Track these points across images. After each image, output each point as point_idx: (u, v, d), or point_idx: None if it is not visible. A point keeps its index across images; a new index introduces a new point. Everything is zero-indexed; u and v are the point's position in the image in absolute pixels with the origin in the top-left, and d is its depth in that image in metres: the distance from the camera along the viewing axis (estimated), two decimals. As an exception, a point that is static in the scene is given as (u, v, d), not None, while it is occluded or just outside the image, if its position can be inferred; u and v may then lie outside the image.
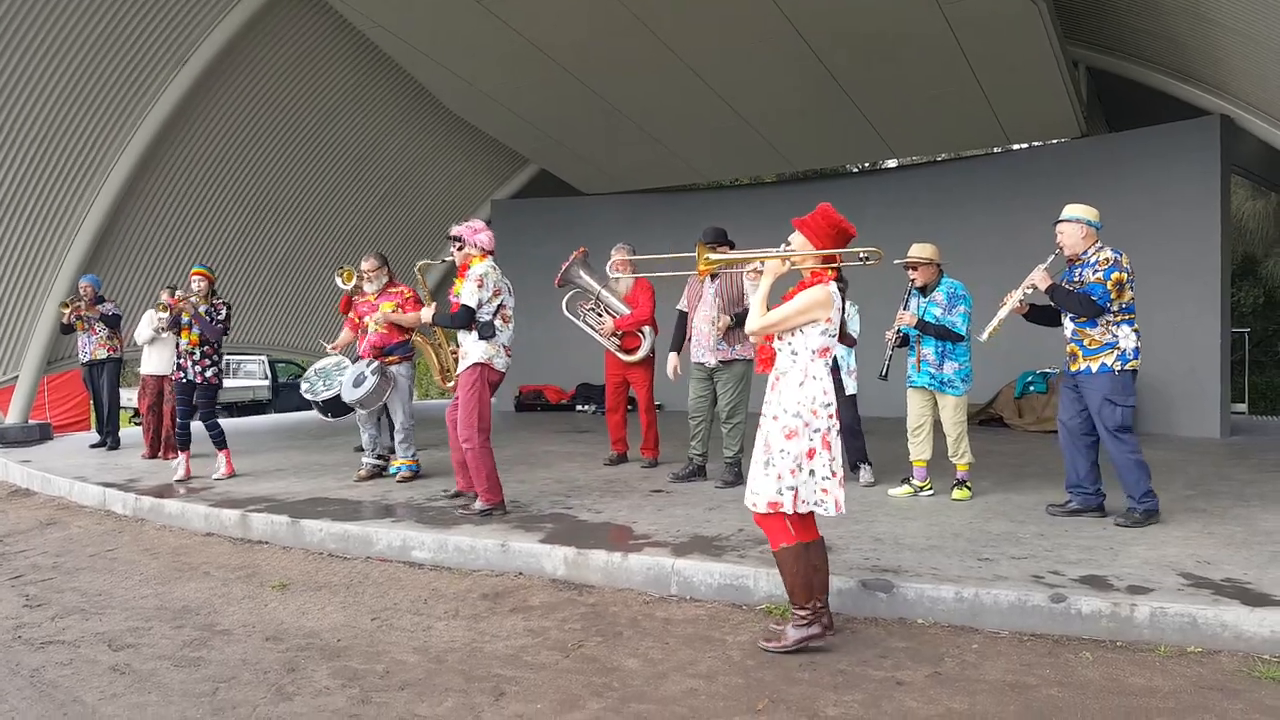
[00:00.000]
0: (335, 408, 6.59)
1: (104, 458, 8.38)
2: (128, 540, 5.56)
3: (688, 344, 6.46)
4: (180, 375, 6.82)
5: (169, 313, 6.94)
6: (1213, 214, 8.99)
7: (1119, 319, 4.82)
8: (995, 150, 11.05)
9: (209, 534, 5.61)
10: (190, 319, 6.74)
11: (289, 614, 4.01)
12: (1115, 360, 4.80)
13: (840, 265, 3.51)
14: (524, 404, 12.94)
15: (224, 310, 6.87)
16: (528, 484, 6.44)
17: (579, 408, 12.53)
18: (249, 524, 5.48)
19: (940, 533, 4.72)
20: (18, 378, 9.84)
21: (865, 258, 3.53)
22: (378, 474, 6.78)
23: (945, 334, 5.51)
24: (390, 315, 6.51)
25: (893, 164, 13.91)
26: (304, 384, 6.87)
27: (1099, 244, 4.91)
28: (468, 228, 5.41)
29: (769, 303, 3.51)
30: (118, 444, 8.97)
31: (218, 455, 6.96)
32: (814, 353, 3.40)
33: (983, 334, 5.04)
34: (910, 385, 5.73)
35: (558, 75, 9.18)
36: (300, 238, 12.15)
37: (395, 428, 6.71)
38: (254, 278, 11.95)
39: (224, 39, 9.10)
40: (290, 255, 12.20)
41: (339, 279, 6.81)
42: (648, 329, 7.08)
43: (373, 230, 12.61)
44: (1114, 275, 4.77)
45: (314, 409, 6.79)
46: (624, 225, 11.69)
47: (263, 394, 17.78)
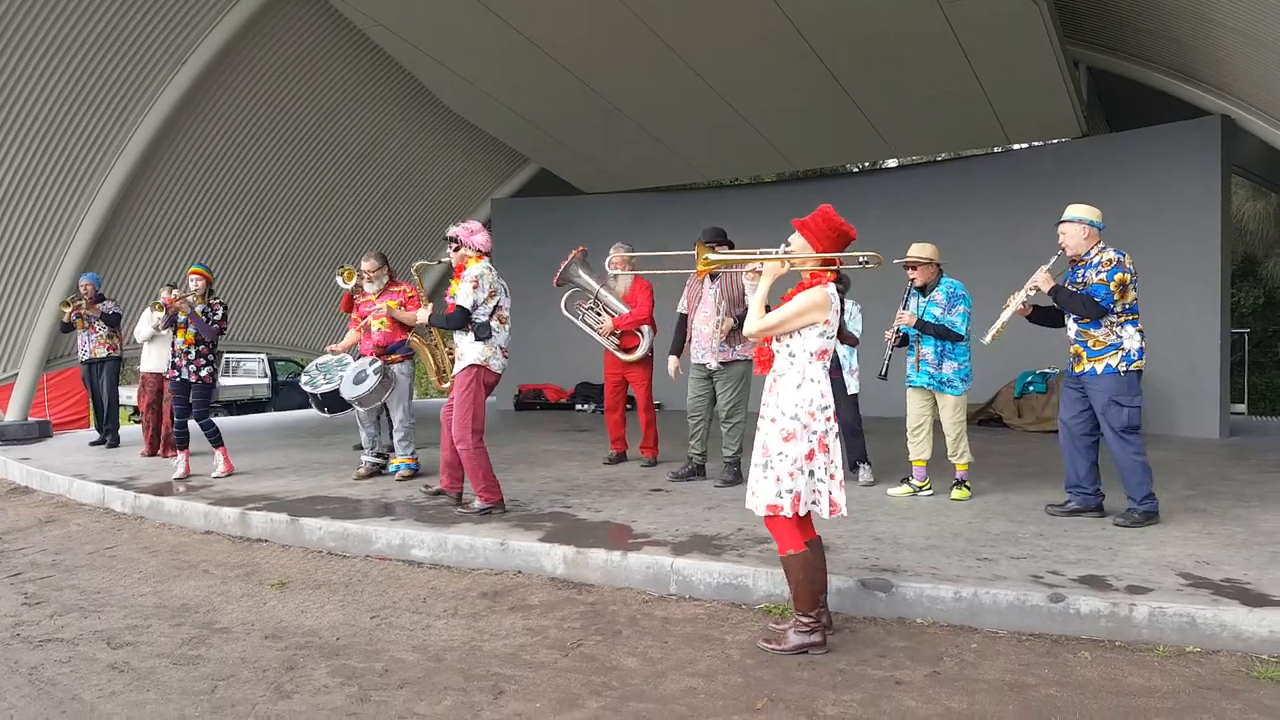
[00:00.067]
0: (332, 402, 6.57)
1: (103, 455, 8.38)
2: (127, 538, 5.56)
3: (688, 345, 6.46)
4: (175, 374, 6.82)
5: (165, 312, 6.94)
6: (1213, 214, 8.99)
7: (1123, 320, 4.81)
8: (995, 150, 11.05)
9: (208, 532, 5.61)
10: (186, 318, 6.74)
11: (288, 612, 4.01)
12: (1120, 361, 4.79)
13: (840, 267, 3.51)
14: (523, 403, 12.94)
15: (221, 310, 6.88)
16: (527, 483, 6.44)
17: (578, 407, 12.53)
18: (248, 522, 5.48)
19: (939, 532, 4.72)
20: (17, 375, 9.84)
21: (865, 262, 3.53)
22: (377, 472, 6.78)
23: (945, 334, 5.51)
24: (395, 312, 6.51)
25: (893, 164, 13.91)
26: (304, 377, 6.86)
27: (1102, 244, 4.90)
28: (464, 229, 5.40)
29: (768, 303, 3.50)
30: (117, 442, 8.98)
31: (215, 453, 6.97)
32: (812, 355, 3.39)
33: (986, 337, 5.01)
34: (909, 385, 5.73)
35: (557, 74, 9.17)
36: (300, 236, 12.14)
37: (395, 426, 6.72)
38: (254, 276, 11.95)
39: (223, 38, 9.10)
40: (290, 254, 12.20)
41: (339, 278, 6.81)
42: (646, 328, 7.08)
43: (372, 229, 12.61)
44: (1117, 276, 4.75)
45: (311, 403, 6.78)
46: (624, 224, 11.69)
47: (262, 392, 17.79)
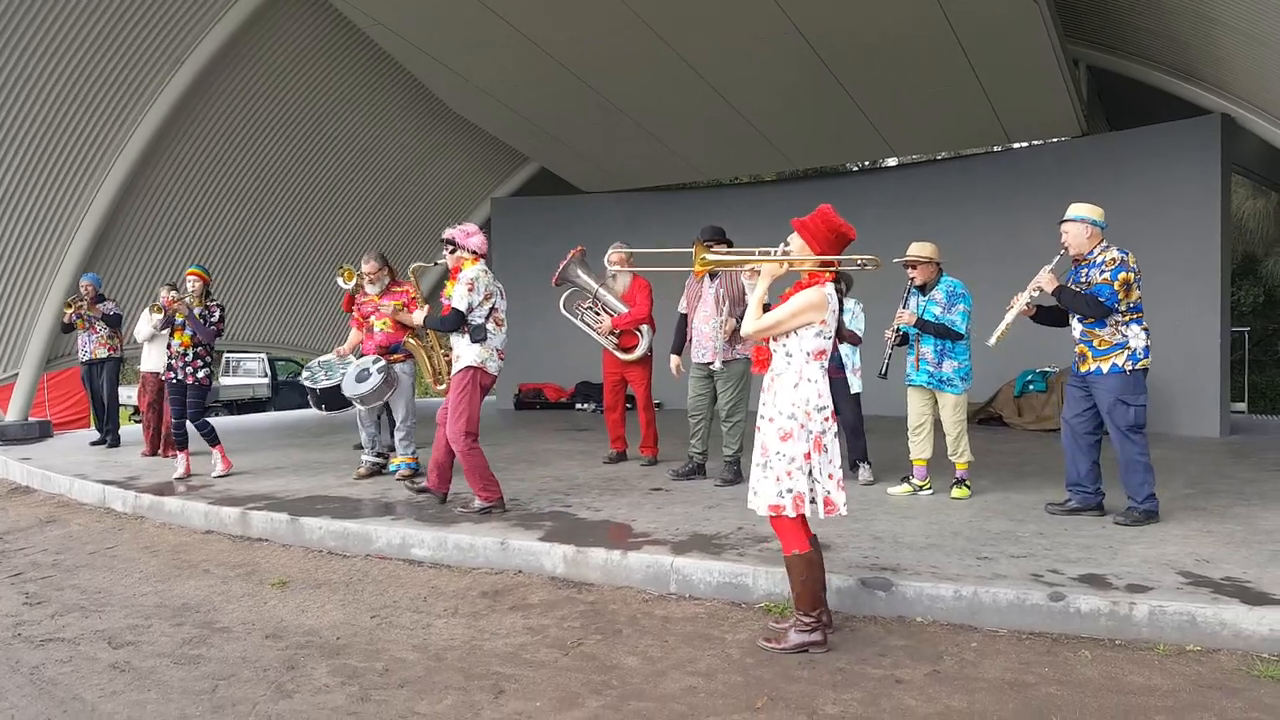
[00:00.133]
0: (331, 400, 6.55)
1: (104, 455, 8.38)
2: (127, 538, 5.57)
3: (688, 345, 6.46)
4: (171, 376, 6.83)
5: (163, 314, 6.94)
6: (1213, 213, 8.98)
7: (1128, 318, 4.80)
8: (995, 149, 11.04)
9: (208, 531, 5.61)
10: (184, 320, 6.74)
11: (288, 612, 4.02)
12: (1126, 360, 4.79)
13: (838, 269, 3.50)
14: (523, 402, 12.94)
15: (218, 312, 6.89)
16: (527, 482, 6.44)
17: (578, 406, 12.53)
18: (248, 521, 5.48)
19: (939, 531, 4.73)
20: (18, 375, 9.85)
21: (863, 264, 3.53)
22: (377, 472, 6.78)
23: (944, 332, 5.51)
24: (400, 316, 6.50)
25: (892, 162, 13.90)
26: (305, 373, 6.86)
27: (1105, 243, 4.89)
28: (460, 231, 5.41)
29: (768, 301, 3.50)
30: (117, 441, 8.98)
31: (213, 452, 6.97)
32: (809, 354, 3.38)
33: (991, 339, 4.99)
34: (909, 384, 5.73)
35: (557, 72, 9.17)
36: (300, 236, 12.14)
37: (395, 425, 6.72)
38: (254, 276, 11.94)
39: (223, 37, 9.09)
40: (290, 253, 12.19)
41: (339, 278, 6.81)
42: (645, 327, 7.08)
43: (372, 228, 12.61)
44: (1121, 275, 4.74)
45: (310, 400, 6.76)
46: (623, 223, 11.69)
47: (262, 392, 17.80)
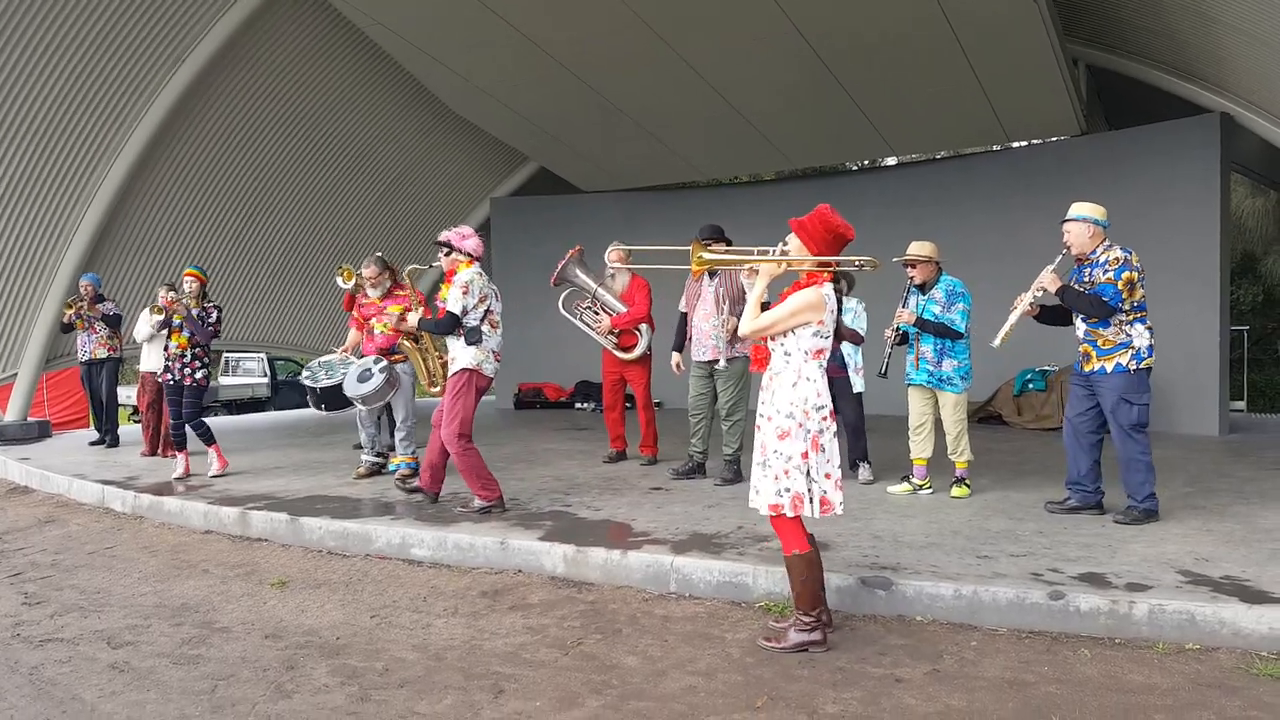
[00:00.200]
0: (331, 400, 6.54)
1: (103, 455, 8.38)
2: (127, 538, 5.56)
3: (689, 344, 6.46)
4: (168, 377, 6.82)
5: (163, 315, 6.94)
6: (1212, 212, 8.98)
7: (1131, 318, 4.80)
8: (995, 148, 11.04)
9: (208, 531, 5.61)
10: (181, 321, 6.74)
11: (288, 611, 4.01)
12: (1130, 359, 4.78)
13: (836, 269, 3.49)
14: (523, 401, 12.94)
15: (215, 313, 6.89)
16: (527, 481, 6.44)
17: (578, 405, 12.53)
18: (248, 521, 5.48)
19: (939, 530, 4.73)
20: (17, 375, 9.84)
21: (861, 266, 3.52)
22: (377, 471, 6.78)
23: (944, 331, 5.50)
24: (402, 326, 6.47)
25: (892, 162, 13.90)
26: (305, 372, 6.85)
27: (1107, 242, 4.88)
28: (455, 234, 5.42)
29: (767, 298, 3.50)
30: (116, 441, 8.98)
31: (209, 451, 6.96)
32: (807, 354, 3.38)
33: (995, 340, 4.98)
34: (909, 383, 5.73)
35: (556, 72, 9.17)
36: (299, 236, 12.13)
37: (396, 425, 6.71)
38: (253, 276, 11.94)
39: (222, 37, 9.09)
40: (289, 253, 12.19)
41: (339, 278, 6.81)
42: (644, 326, 7.07)
43: (372, 228, 12.60)
44: (1125, 275, 4.74)
45: (309, 399, 6.75)
46: (623, 223, 11.68)
47: (262, 392, 17.78)
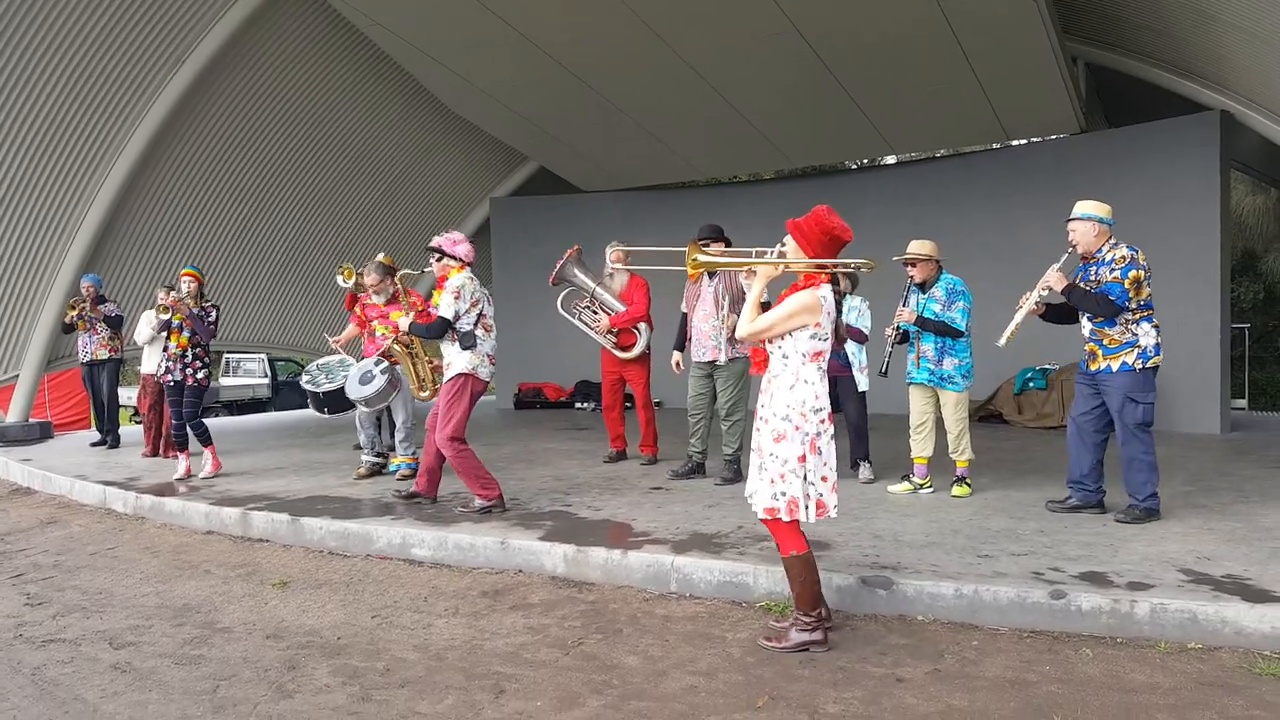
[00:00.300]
0: (333, 402, 6.54)
1: (104, 456, 8.38)
2: (128, 539, 5.57)
3: (689, 344, 6.46)
4: (168, 378, 6.82)
5: (169, 313, 6.93)
6: (1213, 209, 8.97)
7: (1138, 316, 4.79)
8: (994, 146, 11.04)
9: (209, 532, 5.61)
10: (181, 321, 6.74)
11: (289, 612, 4.02)
12: (1136, 358, 4.77)
13: (833, 271, 3.48)
14: (523, 401, 12.94)
15: (214, 313, 6.91)
16: (527, 481, 6.44)
17: (578, 405, 12.53)
18: (249, 522, 5.49)
19: (940, 529, 4.73)
20: (18, 376, 9.84)
21: (857, 268, 3.52)
22: (377, 472, 6.78)
23: (944, 330, 5.50)
24: (403, 336, 6.49)
25: (891, 161, 13.90)
26: (304, 376, 6.85)
27: (1113, 241, 4.87)
28: (447, 239, 5.43)
29: (767, 298, 3.50)
30: (118, 442, 8.98)
31: (204, 451, 6.96)
32: (805, 356, 3.37)
33: (1001, 340, 4.97)
34: (910, 382, 5.73)
35: (556, 72, 9.16)
36: (299, 236, 12.14)
37: (396, 426, 6.72)
38: (254, 276, 11.94)
39: (224, 37, 9.09)
40: (290, 253, 12.19)
41: (339, 277, 6.82)
42: (643, 326, 7.07)
43: (372, 228, 12.60)
44: (1131, 273, 4.72)
45: (309, 402, 6.75)
46: (623, 222, 11.68)
47: (262, 392, 17.79)
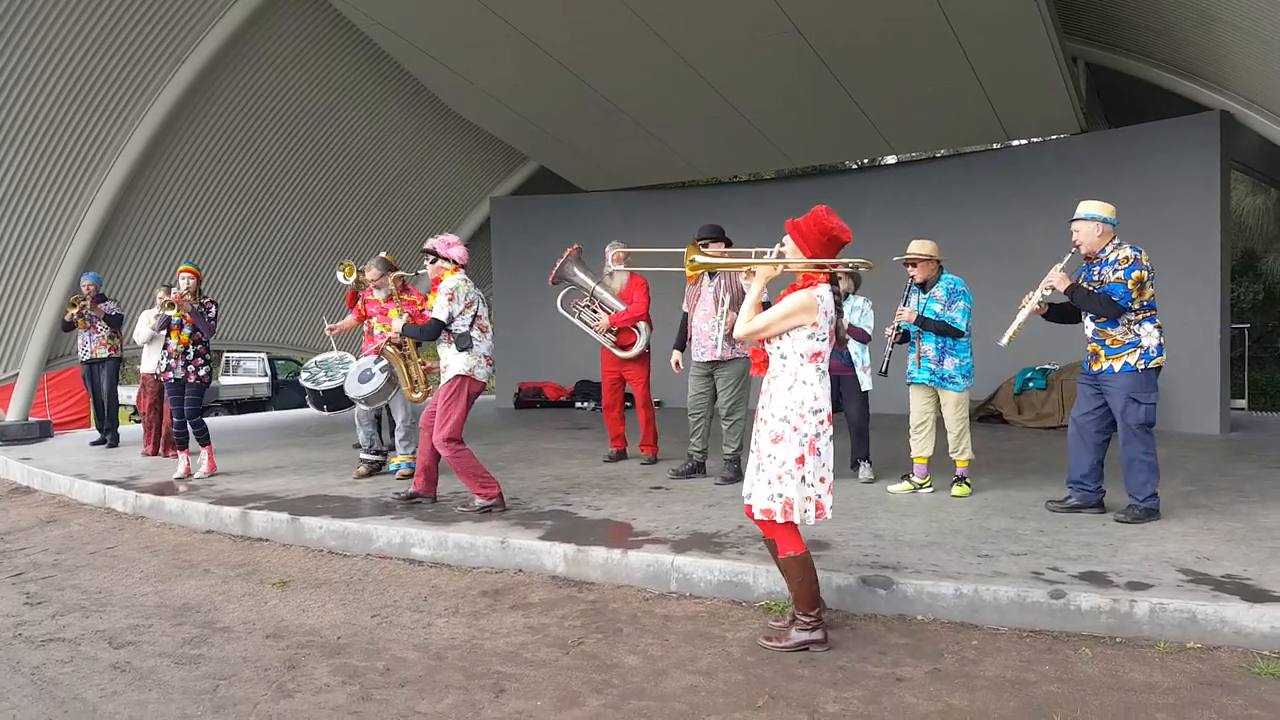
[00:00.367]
0: (332, 400, 6.54)
1: (104, 455, 8.38)
2: (128, 538, 5.57)
3: (690, 343, 6.47)
4: (169, 376, 6.82)
5: (174, 309, 6.92)
6: (1213, 210, 8.97)
7: (1140, 317, 4.79)
8: (995, 146, 11.04)
9: (209, 531, 5.61)
10: (181, 318, 6.74)
11: (289, 611, 4.02)
12: (1138, 359, 4.77)
13: (832, 270, 3.48)
14: (523, 401, 12.94)
15: (213, 309, 6.92)
16: (527, 481, 6.44)
17: (578, 404, 12.53)
18: (249, 521, 5.49)
19: (940, 529, 4.73)
20: (18, 375, 9.84)
21: (855, 267, 3.52)
22: (376, 469, 6.78)
23: (945, 330, 5.50)
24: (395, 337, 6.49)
25: (892, 160, 13.90)
26: (304, 373, 6.85)
27: (1117, 241, 4.87)
28: (441, 242, 5.47)
29: (767, 298, 3.50)
30: (117, 441, 8.98)
31: (201, 451, 6.95)
32: (803, 356, 3.36)
33: (1003, 339, 4.97)
34: (911, 382, 5.73)
35: (556, 71, 9.16)
36: (300, 235, 12.14)
37: (396, 425, 6.72)
38: (254, 275, 11.94)
39: (224, 36, 9.08)
40: (290, 253, 12.19)
41: (340, 273, 6.82)
42: (643, 325, 7.07)
43: (372, 227, 12.61)
44: (1135, 274, 4.72)
45: (308, 400, 6.75)
46: (623, 222, 11.68)
47: (262, 391, 17.80)
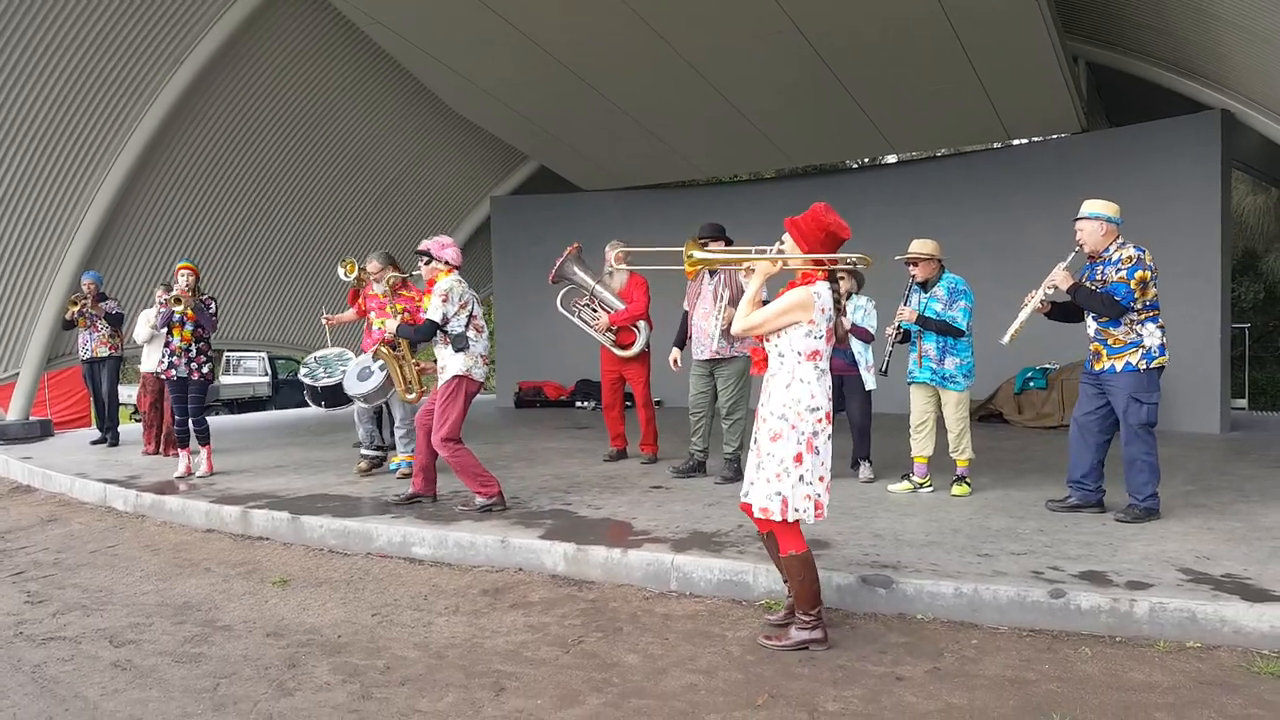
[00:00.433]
0: (332, 397, 6.54)
1: (104, 454, 8.39)
2: (128, 537, 5.57)
3: (690, 342, 6.47)
4: (172, 373, 6.82)
5: (180, 304, 6.91)
6: (1213, 209, 8.98)
7: (1143, 316, 4.78)
8: (995, 146, 11.04)
9: (209, 530, 5.62)
10: (182, 315, 6.73)
11: (290, 610, 4.02)
12: (1140, 358, 4.77)
13: (830, 267, 3.47)
14: (523, 400, 12.95)
15: (213, 305, 6.92)
16: (527, 480, 6.45)
17: (578, 404, 12.54)
18: (249, 520, 5.49)
19: (940, 528, 4.73)
20: (18, 374, 9.84)
21: (854, 264, 3.51)
22: (377, 465, 6.79)
23: (946, 329, 5.50)
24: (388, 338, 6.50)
25: (892, 159, 13.90)
26: (303, 369, 6.85)
27: (1120, 240, 4.86)
28: (435, 243, 5.50)
29: (766, 298, 3.50)
30: (118, 440, 8.98)
31: (200, 451, 6.95)
32: (801, 355, 3.35)
33: (1005, 337, 4.97)
34: (911, 381, 5.73)
35: (556, 71, 9.17)
36: (300, 234, 12.14)
37: (396, 423, 6.72)
38: (254, 274, 11.94)
39: (223, 36, 9.09)
40: (290, 252, 12.20)
41: (341, 270, 6.82)
42: (643, 324, 7.07)
43: (372, 227, 12.61)
44: (1138, 274, 4.72)
45: (307, 396, 6.74)
46: (623, 222, 11.69)
47: (263, 390, 17.81)
